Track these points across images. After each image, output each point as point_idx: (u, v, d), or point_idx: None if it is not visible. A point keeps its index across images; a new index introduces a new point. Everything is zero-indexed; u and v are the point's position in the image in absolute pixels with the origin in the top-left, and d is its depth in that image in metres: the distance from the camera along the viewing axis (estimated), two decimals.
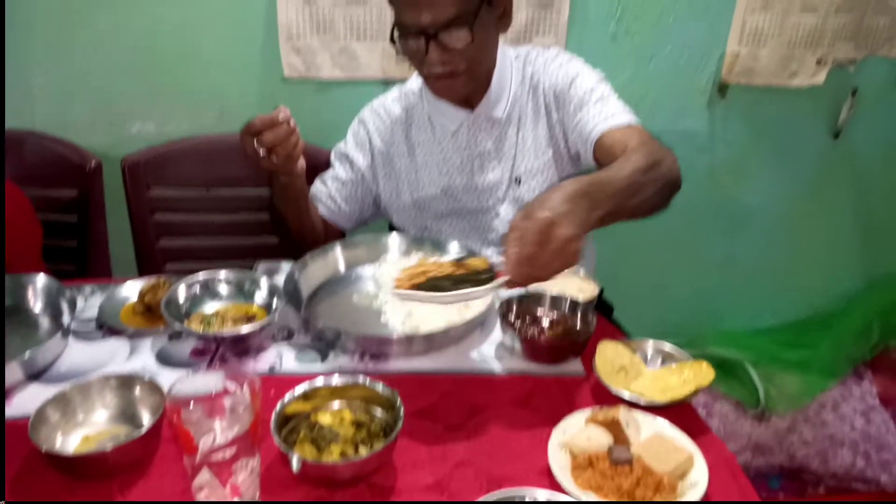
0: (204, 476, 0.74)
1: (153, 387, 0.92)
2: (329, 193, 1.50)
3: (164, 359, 1.08)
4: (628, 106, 1.30)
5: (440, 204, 1.49)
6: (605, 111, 1.28)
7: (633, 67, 1.93)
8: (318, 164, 1.68)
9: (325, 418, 0.91)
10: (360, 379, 0.93)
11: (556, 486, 0.81)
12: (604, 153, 1.23)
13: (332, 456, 0.85)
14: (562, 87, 1.36)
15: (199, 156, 1.75)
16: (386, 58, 1.82)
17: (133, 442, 0.82)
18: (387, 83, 1.83)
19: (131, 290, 1.23)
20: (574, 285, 1.22)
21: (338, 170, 1.52)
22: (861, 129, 2.07)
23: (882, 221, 2.24)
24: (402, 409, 0.87)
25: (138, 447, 0.83)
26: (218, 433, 0.73)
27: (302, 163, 1.28)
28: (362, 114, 1.53)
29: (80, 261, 1.70)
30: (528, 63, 1.41)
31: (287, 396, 0.89)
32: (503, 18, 1.31)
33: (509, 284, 0.91)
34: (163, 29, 1.76)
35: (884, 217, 2.23)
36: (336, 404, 0.93)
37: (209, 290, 1.19)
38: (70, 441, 0.88)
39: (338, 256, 1.33)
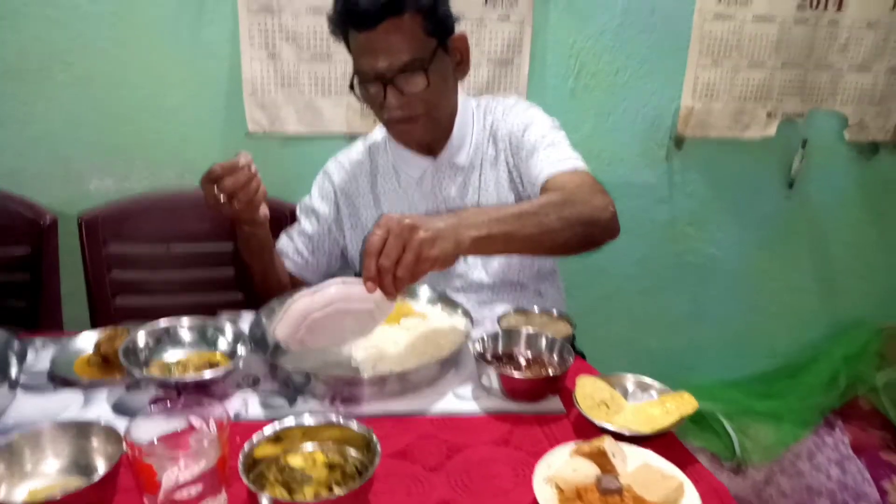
0: None
1: (111, 434, 0.86)
2: (296, 247, 1.48)
3: (121, 409, 1.01)
4: (583, 154, 1.33)
5: None
6: (553, 157, 1.30)
7: (593, 122, 1.98)
8: (282, 218, 1.67)
9: (295, 461, 0.85)
10: (333, 418, 0.88)
11: None
12: None
13: (305, 498, 0.79)
14: (517, 134, 1.38)
15: (160, 211, 1.71)
16: (351, 113, 1.84)
17: (86, 490, 0.75)
18: (351, 138, 1.84)
19: (86, 341, 1.17)
20: (549, 326, 1.21)
21: (304, 223, 1.50)
22: (813, 179, 2.14)
23: (840, 269, 2.29)
24: (378, 446, 0.82)
25: (92, 495, 0.77)
26: (182, 469, 0.67)
27: (265, 210, 1.26)
28: (327, 166, 1.53)
29: (30, 321, 1.62)
30: (489, 112, 1.44)
31: (255, 437, 0.84)
32: (460, 66, 1.34)
33: (367, 285, 0.94)
34: (123, 84, 1.75)
35: (842, 265, 2.29)
36: (308, 447, 0.88)
37: (170, 339, 1.14)
38: (15, 494, 0.81)
39: None
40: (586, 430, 0.96)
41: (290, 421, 0.87)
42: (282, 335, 1.00)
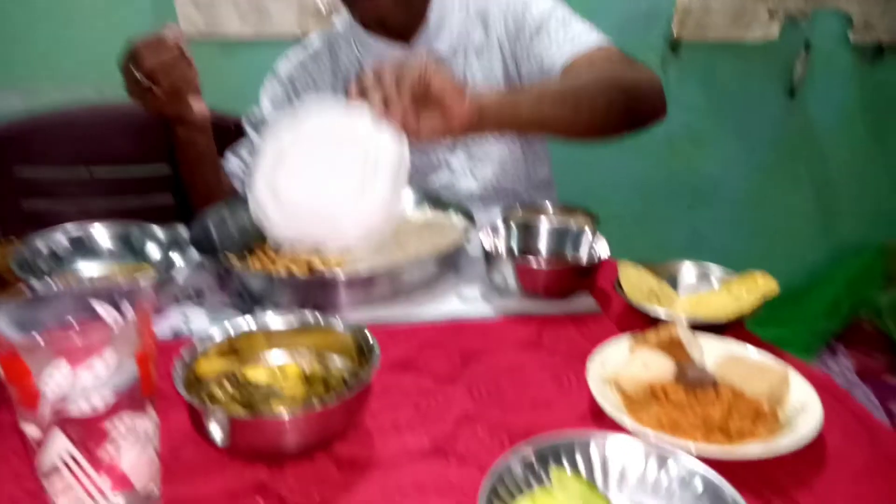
0: (58, 444, 0.43)
1: None
2: (246, 167, 1.22)
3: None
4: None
5: None
6: (568, 36, 1.10)
7: None
8: (225, 134, 1.39)
9: (258, 375, 0.61)
10: (310, 318, 0.64)
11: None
12: None
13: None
14: (516, 14, 1.16)
15: (77, 129, 1.42)
16: (303, 12, 1.57)
17: None
18: None
19: None
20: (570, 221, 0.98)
21: (254, 139, 1.24)
22: (816, 87, 1.97)
23: (841, 188, 2.14)
24: (376, 346, 0.59)
25: None
26: (75, 369, 0.43)
27: (201, 108, 1.05)
28: (277, 69, 1.28)
29: None
30: None
31: (198, 345, 0.59)
32: None
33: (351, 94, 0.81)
34: None
35: (842, 185, 2.14)
36: (275, 357, 0.64)
37: (83, 248, 0.88)
38: None
39: None
40: (636, 324, 0.74)
41: (247, 324, 0.63)
42: (257, 186, 0.83)
